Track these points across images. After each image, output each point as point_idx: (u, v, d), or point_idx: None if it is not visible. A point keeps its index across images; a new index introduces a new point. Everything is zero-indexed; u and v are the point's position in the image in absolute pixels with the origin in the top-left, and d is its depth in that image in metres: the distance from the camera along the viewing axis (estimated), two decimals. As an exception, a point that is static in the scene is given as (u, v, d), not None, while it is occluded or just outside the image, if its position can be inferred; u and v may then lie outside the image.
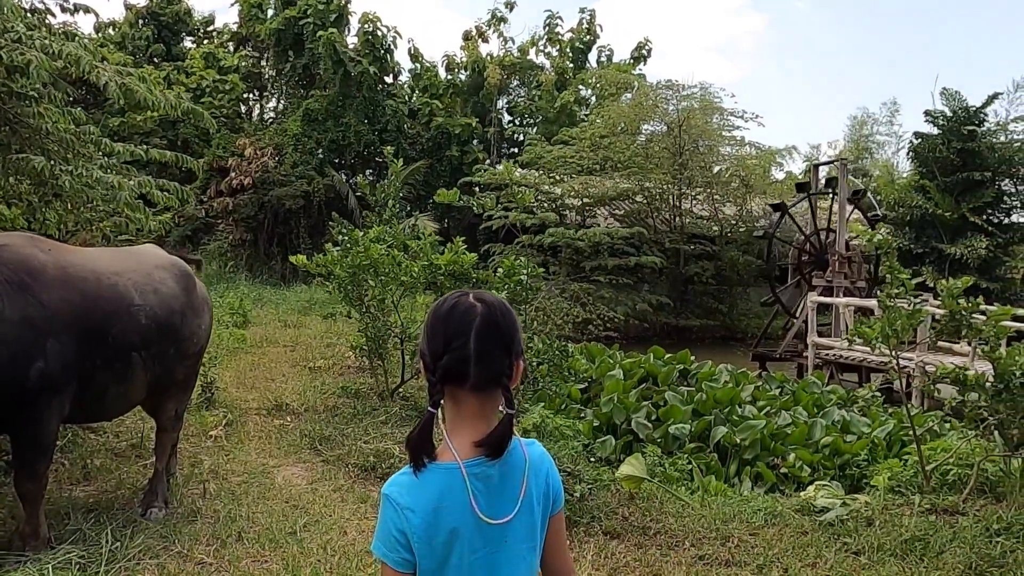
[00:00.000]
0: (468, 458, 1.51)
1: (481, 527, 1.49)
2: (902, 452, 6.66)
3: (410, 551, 1.49)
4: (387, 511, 1.52)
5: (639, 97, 23.41)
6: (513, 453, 1.56)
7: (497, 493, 1.52)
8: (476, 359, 1.48)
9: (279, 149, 24.54)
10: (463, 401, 1.52)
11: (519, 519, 1.53)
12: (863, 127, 36.20)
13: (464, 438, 1.52)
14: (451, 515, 1.48)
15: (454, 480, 1.50)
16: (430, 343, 1.54)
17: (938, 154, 24.36)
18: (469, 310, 1.52)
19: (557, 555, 1.64)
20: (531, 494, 1.56)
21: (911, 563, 4.20)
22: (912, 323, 4.80)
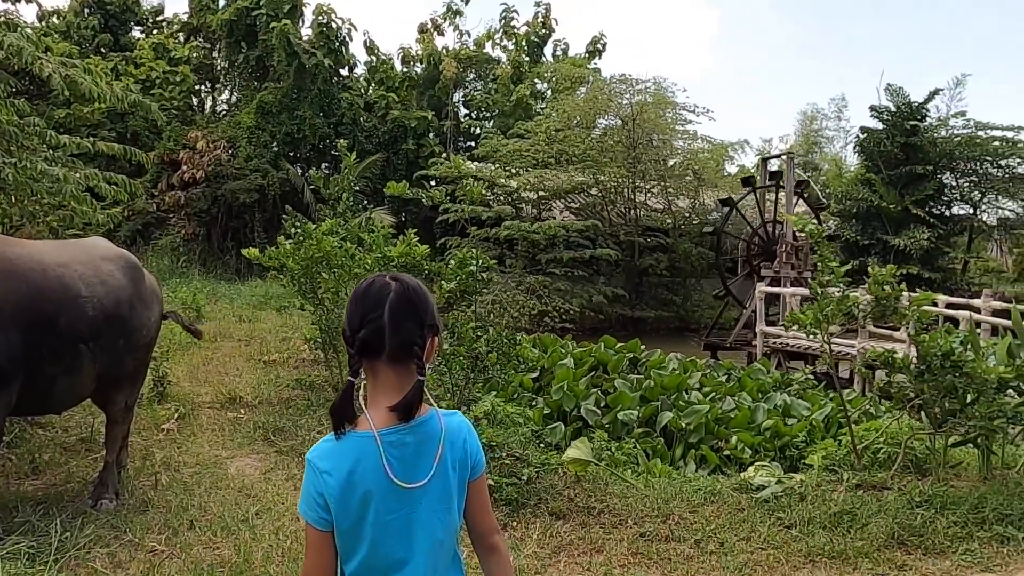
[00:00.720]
0: (384, 427, 1.64)
1: (395, 490, 1.63)
2: (838, 433, 6.97)
3: (328, 511, 1.62)
4: (308, 474, 1.66)
5: (594, 91, 23.64)
6: (430, 423, 1.69)
7: (412, 459, 1.65)
8: (390, 330, 1.62)
9: (232, 142, 24.20)
10: (380, 373, 1.65)
11: (434, 483, 1.67)
12: (812, 122, 37.10)
13: (381, 406, 1.65)
14: (365, 479, 1.62)
15: (369, 447, 1.63)
16: (350, 319, 1.67)
17: (883, 148, 25.17)
18: (384, 287, 1.67)
19: (480, 516, 1.78)
20: (446, 460, 1.69)
21: (839, 534, 4.45)
22: (841, 309, 5.05)
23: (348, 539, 1.64)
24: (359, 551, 1.64)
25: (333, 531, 1.64)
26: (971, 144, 24.83)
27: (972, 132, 25.08)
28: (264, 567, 3.83)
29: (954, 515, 4.66)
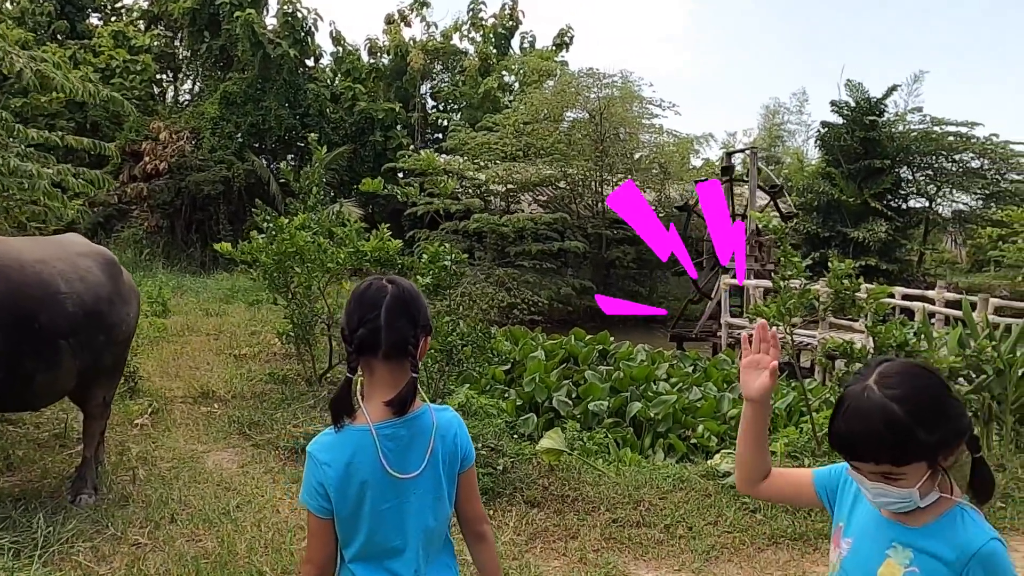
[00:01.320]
0: (380, 421, 1.77)
1: (390, 480, 1.76)
2: (800, 421, 7.23)
3: (328, 500, 1.75)
4: (309, 465, 1.79)
5: (561, 84, 23.78)
6: (422, 417, 1.83)
7: (405, 452, 1.79)
8: (386, 330, 1.74)
9: (196, 133, 23.88)
10: (376, 370, 1.78)
11: (426, 474, 1.80)
12: (775, 116, 37.71)
13: (376, 402, 1.77)
14: (362, 469, 1.75)
15: (365, 440, 1.75)
16: (348, 319, 1.80)
17: (843, 143, 25.74)
18: (380, 289, 1.79)
19: (469, 505, 1.93)
20: (437, 453, 1.83)
21: (800, 518, 4.67)
22: (803, 302, 5.27)
23: (347, 526, 1.77)
24: (357, 538, 1.77)
25: (333, 519, 1.76)
26: (927, 139, 25.54)
27: (928, 127, 25.79)
28: (248, 558, 3.91)
29: (908, 497, 4.91)
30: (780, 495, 1.83)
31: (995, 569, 1.44)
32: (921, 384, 1.47)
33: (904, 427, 1.41)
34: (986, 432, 5.86)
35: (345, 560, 1.80)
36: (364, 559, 1.78)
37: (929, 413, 1.43)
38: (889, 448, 1.43)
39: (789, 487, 1.80)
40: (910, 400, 1.43)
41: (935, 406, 1.45)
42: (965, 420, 1.48)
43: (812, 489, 1.74)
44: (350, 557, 1.79)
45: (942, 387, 1.49)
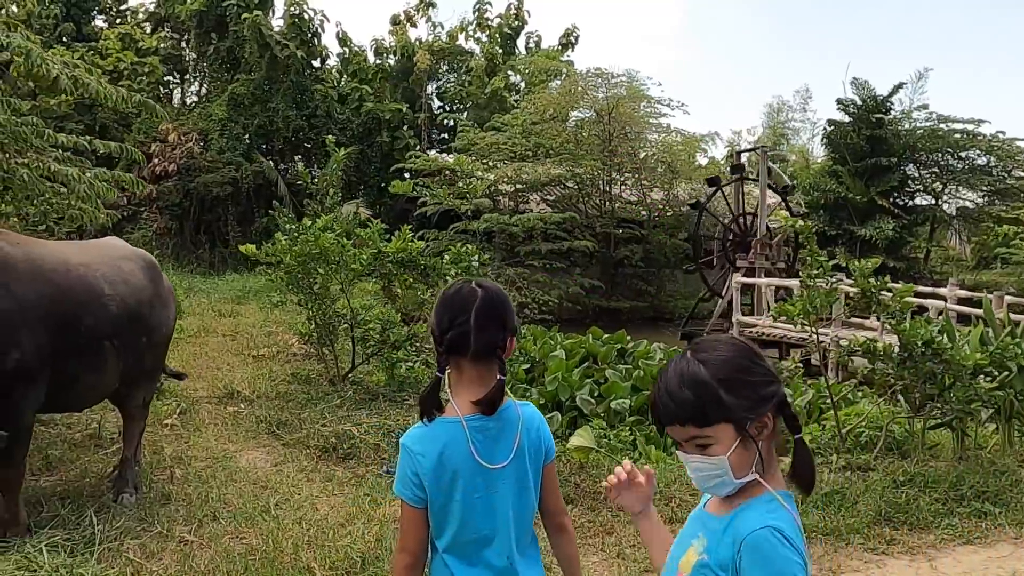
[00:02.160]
0: (469, 414, 1.85)
1: (480, 470, 1.85)
2: (821, 418, 7.30)
3: (422, 489, 1.84)
4: (404, 457, 1.88)
5: (568, 84, 23.84)
6: (508, 411, 1.91)
7: (494, 443, 1.88)
8: (476, 332, 1.83)
9: (204, 134, 23.96)
10: (465, 369, 1.87)
11: (513, 465, 1.89)
12: (779, 114, 37.79)
13: (465, 398, 1.87)
14: (453, 459, 1.84)
15: (456, 431, 1.85)
16: (439, 320, 1.89)
17: (849, 140, 25.76)
18: (471, 294, 1.88)
19: (551, 497, 2.01)
20: (523, 445, 1.92)
21: (830, 512, 4.74)
22: (830, 301, 5.34)
23: (440, 515, 1.85)
24: (449, 527, 1.86)
25: (426, 508, 1.85)
26: (933, 136, 25.54)
27: (934, 125, 25.79)
28: (295, 554, 3.98)
29: (935, 493, 4.99)
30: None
31: (758, 557, 1.39)
32: (726, 349, 1.49)
33: (704, 384, 1.43)
34: (1008, 428, 5.93)
35: (438, 550, 1.88)
36: (457, 548, 1.86)
37: (731, 373, 1.44)
38: (691, 406, 1.43)
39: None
40: (713, 362, 1.45)
41: (738, 368, 1.46)
42: (773, 387, 1.48)
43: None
44: (443, 547, 1.87)
45: (750, 353, 1.50)
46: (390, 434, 6.33)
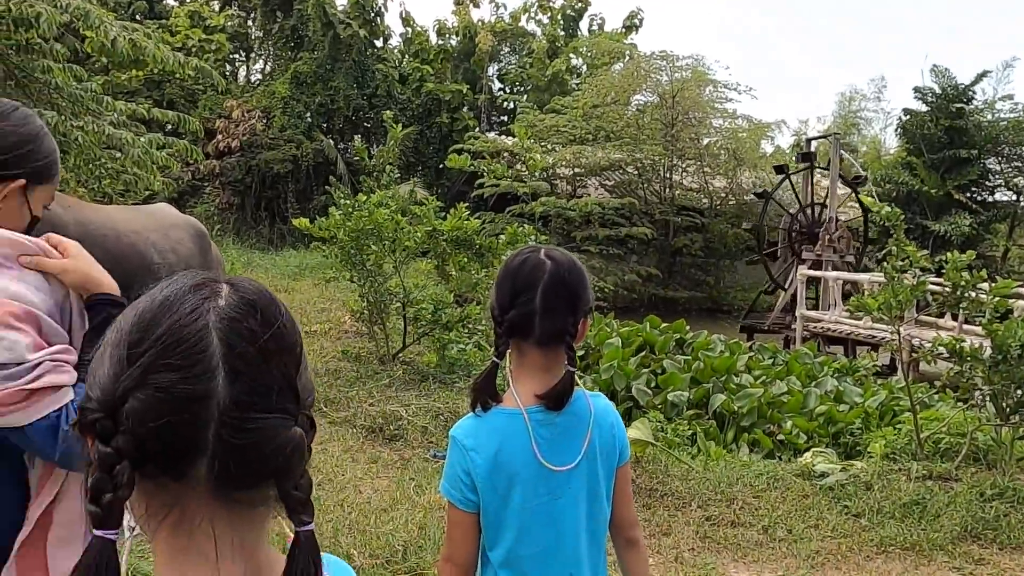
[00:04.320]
0: (532, 404, 1.57)
1: (543, 473, 1.55)
2: (894, 421, 6.84)
3: (474, 491, 1.55)
4: (453, 452, 1.59)
5: (631, 67, 23.27)
6: (578, 403, 1.61)
7: (560, 441, 1.58)
8: (541, 314, 1.53)
9: (267, 112, 24.23)
10: (527, 353, 1.58)
11: (582, 467, 1.59)
12: (851, 103, 36.29)
13: (527, 387, 1.58)
14: (512, 458, 1.55)
15: (516, 425, 1.56)
16: (500, 298, 1.59)
17: (926, 131, 24.58)
18: (538, 267, 1.56)
19: (623, 506, 1.70)
20: (595, 444, 1.61)
21: (910, 525, 4.36)
22: (915, 295, 4.92)
23: (494, 523, 1.57)
24: (504, 538, 1.57)
25: (478, 513, 1.57)
26: (1018, 129, 24.16)
27: (1019, 116, 24.40)
28: (334, 539, 3.81)
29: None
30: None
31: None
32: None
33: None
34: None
35: (491, 564, 1.59)
36: (513, 564, 1.57)
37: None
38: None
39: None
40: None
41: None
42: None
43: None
44: (498, 561, 1.58)
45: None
46: (438, 417, 6.15)
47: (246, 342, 0.73)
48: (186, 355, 0.70)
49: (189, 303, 0.74)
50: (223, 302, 0.75)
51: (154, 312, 0.74)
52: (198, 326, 0.72)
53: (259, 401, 0.72)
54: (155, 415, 0.69)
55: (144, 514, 0.74)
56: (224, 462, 0.70)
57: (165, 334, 0.71)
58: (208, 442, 0.70)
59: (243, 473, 0.71)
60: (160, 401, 0.69)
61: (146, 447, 0.69)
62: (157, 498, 0.73)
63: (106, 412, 0.70)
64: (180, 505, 0.73)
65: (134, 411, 0.69)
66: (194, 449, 0.70)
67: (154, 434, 0.69)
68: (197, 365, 0.70)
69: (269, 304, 0.78)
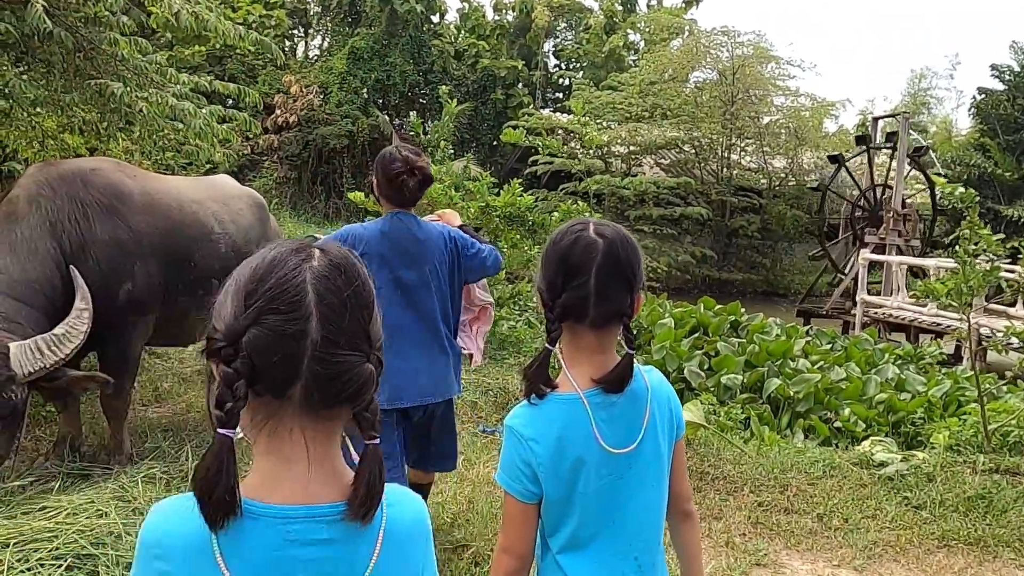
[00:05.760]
0: (589, 388, 1.52)
1: (606, 456, 1.50)
2: (958, 412, 6.59)
3: (535, 482, 1.50)
4: (511, 442, 1.53)
5: (691, 43, 22.75)
6: (635, 381, 1.55)
7: (620, 422, 1.53)
8: (596, 297, 1.47)
9: (324, 87, 24.47)
10: (582, 336, 1.52)
11: (644, 447, 1.54)
12: (921, 80, 34.83)
13: (583, 371, 1.52)
14: (574, 444, 1.50)
15: (575, 410, 1.50)
16: (550, 281, 1.52)
17: (1002, 111, 23.47)
18: (590, 246, 1.49)
19: (679, 479, 1.66)
20: (654, 421, 1.56)
21: (974, 519, 4.19)
22: (988, 281, 4.69)
23: (556, 511, 1.53)
24: (567, 524, 1.53)
25: (538, 503, 1.53)
26: (1102, 110, 22.88)
27: (1104, 96, 23.08)
28: (385, 508, 3.85)
29: (1105, 509, 4.33)
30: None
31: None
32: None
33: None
34: None
35: (551, 549, 1.56)
36: (575, 548, 1.53)
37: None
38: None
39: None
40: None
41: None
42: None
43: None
44: (558, 547, 1.54)
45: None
46: (488, 392, 6.17)
47: (333, 295, 0.93)
48: (289, 302, 0.91)
49: (291, 262, 0.94)
50: (316, 263, 0.95)
51: (265, 268, 0.95)
52: (297, 281, 0.92)
53: (341, 341, 0.93)
54: (265, 346, 0.90)
55: (249, 423, 0.95)
56: (314, 386, 0.91)
57: (274, 285, 0.92)
58: (303, 370, 0.91)
59: (327, 396, 0.93)
60: (269, 336, 0.90)
61: (257, 370, 0.90)
62: (260, 411, 0.94)
63: (229, 342, 0.91)
64: (277, 417, 0.94)
65: (249, 342, 0.90)
66: (293, 374, 0.91)
67: (263, 360, 0.90)
68: (296, 311, 0.91)
69: (351, 267, 0.98)
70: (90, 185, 3.74)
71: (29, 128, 6.63)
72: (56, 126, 6.68)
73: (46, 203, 3.58)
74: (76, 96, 5.23)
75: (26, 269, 3.44)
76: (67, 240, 3.61)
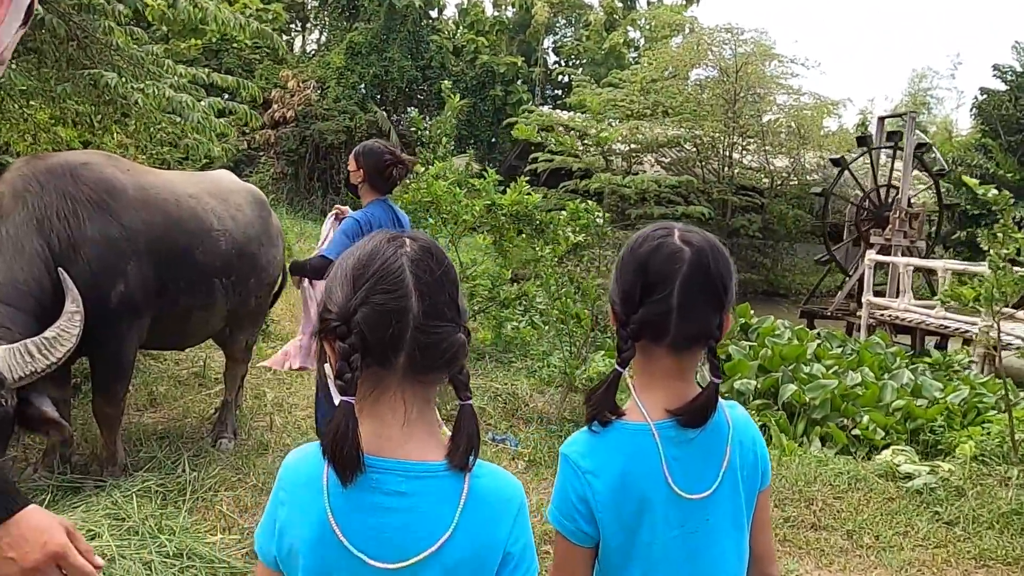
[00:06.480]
0: (661, 418, 1.30)
1: (676, 501, 1.29)
2: (977, 420, 6.41)
3: (591, 522, 1.30)
4: (566, 474, 1.32)
5: (692, 40, 22.52)
6: (715, 415, 1.34)
7: (695, 461, 1.31)
8: (679, 314, 1.27)
9: (322, 82, 24.20)
10: (657, 358, 1.32)
11: (722, 493, 1.32)
12: (922, 80, 34.74)
13: (655, 398, 1.32)
14: (640, 482, 1.29)
15: (644, 442, 1.30)
16: (623, 291, 1.32)
17: (1004, 111, 23.35)
18: (675, 255, 1.29)
19: (760, 536, 1.42)
20: (735, 465, 1.34)
21: (1011, 537, 4.00)
22: (1022, 287, 4.50)
23: (615, 561, 1.31)
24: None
25: (595, 547, 1.32)
26: (1105, 111, 22.78)
27: (1108, 97, 22.97)
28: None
29: None
30: None
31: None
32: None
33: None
34: None
35: None
36: None
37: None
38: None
39: None
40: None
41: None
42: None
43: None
44: None
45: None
46: (496, 398, 5.96)
47: (427, 275, 1.07)
48: (392, 283, 1.05)
49: (389, 250, 1.08)
50: (409, 249, 1.09)
51: (367, 256, 1.09)
52: (397, 265, 1.07)
53: (438, 314, 1.07)
54: (374, 322, 1.04)
55: (359, 390, 1.06)
56: (416, 355, 1.05)
57: (377, 270, 1.06)
58: (406, 341, 1.04)
59: (427, 363, 1.07)
60: (377, 313, 1.04)
61: (368, 344, 1.04)
62: (369, 379, 1.07)
63: (342, 321, 1.05)
64: (383, 384, 1.08)
65: (361, 320, 1.04)
66: (399, 345, 1.04)
67: (373, 335, 1.04)
68: (399, 290, 1.05)
69: (438, 250, 1.13)
70: (80, 180, 3.51)
71: (21, 121, 6.39)
72: (49, 118, 6.44)
73: (33, 199, 3.35)
74: (69, 87, 4.99)
75: (12, 270, 3.22)
76: (56, 238, 3.38)
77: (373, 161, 3.71)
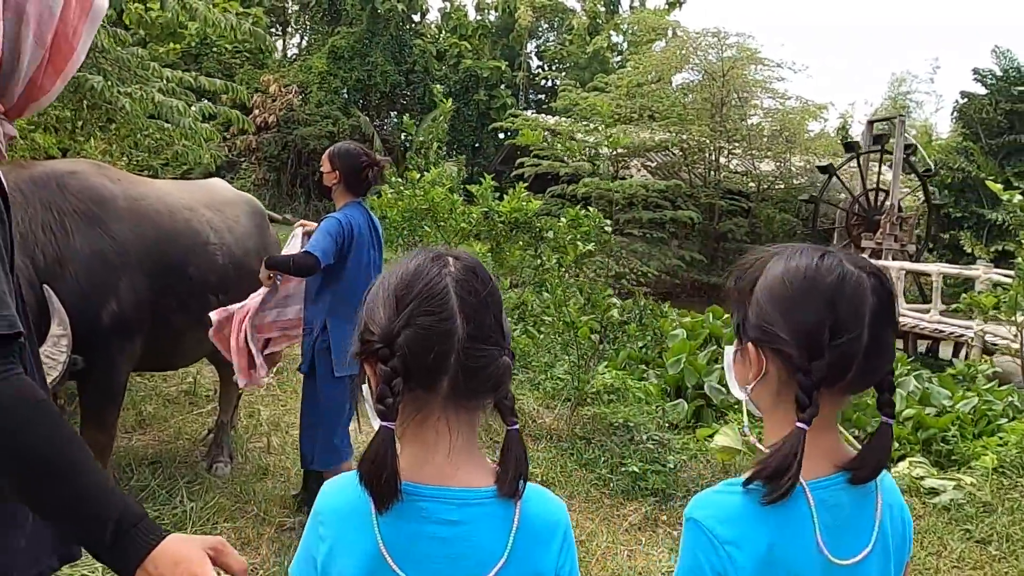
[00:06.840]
0: (815, 477, 1.10)
1: (828, 569, 1.09)
2: (988, 428, 6.30)
3: None
4: (697, 543, 1.09)
5: (677, 44, 22.50)
6: None
7: (847, 525, 1.11)
8: (866, 354, 1.06)
9: (303, 87, 23.89)
10: (823, 404, 1.08)
11: (872, 559, 1.12)
12: (901, 84, 35.04)
13: (810, 453, 1.08)
14: (789, 555, 1.07)
15: (795, 507, 1.08)
16: (805, 332, 1.06)
17: (984, 115, 23.53)
18: (860, 285, 1.07)
19: None
20: (885, 530, 1.15)
21: (1047, 557, 3.86)
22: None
23: None
24: None
25: None
26: (1085, 114, 23.03)
27: (1086, 101, 23.23)
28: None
29: None
30: None
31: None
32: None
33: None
34: None
35: None
36: None
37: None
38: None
39: None
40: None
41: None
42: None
43: None
44: None
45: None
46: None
47: (472, 296, 1.04)
48: (437, 305, 1.02)
49: (434, 270, 1.04)
50: (453, 268, 1.05)
51: (411, 276, 1.05)
52: (442, 285, 1.03)
53: (483, 336, 1.03)
54: (419, 345, 1.01)
55: (401, 413, 1.03)
56: (460, 379, 1.02)
57: (421, 290, 1.03)
58: (450, 365, 1.01)
59: (471, 387, 1.03)
60: (421, 336, 1.01)
61: (411, 367, 1.01)
62: (411, 403, 1.04)
63: (385, 343, 1.02)
64: (427, 408, 1.05)
65: (404, 342, 1.01)
66: (442, 369, 1.01)
67: (417, 358, 1.01)
68: (444, 311, 1.02)
69: (482, 270, 1.09)
70: (67, 190, 3.25)
71: (-6, 126, 6.09)
72: (26, 123, 6.14)
73: (16, 212, 3.09)
74: (49, 91, 4.72)
75: (-6, 288, 2.95)
76: (41, 254, 3.12)
77: (348, 162, 3.59)
